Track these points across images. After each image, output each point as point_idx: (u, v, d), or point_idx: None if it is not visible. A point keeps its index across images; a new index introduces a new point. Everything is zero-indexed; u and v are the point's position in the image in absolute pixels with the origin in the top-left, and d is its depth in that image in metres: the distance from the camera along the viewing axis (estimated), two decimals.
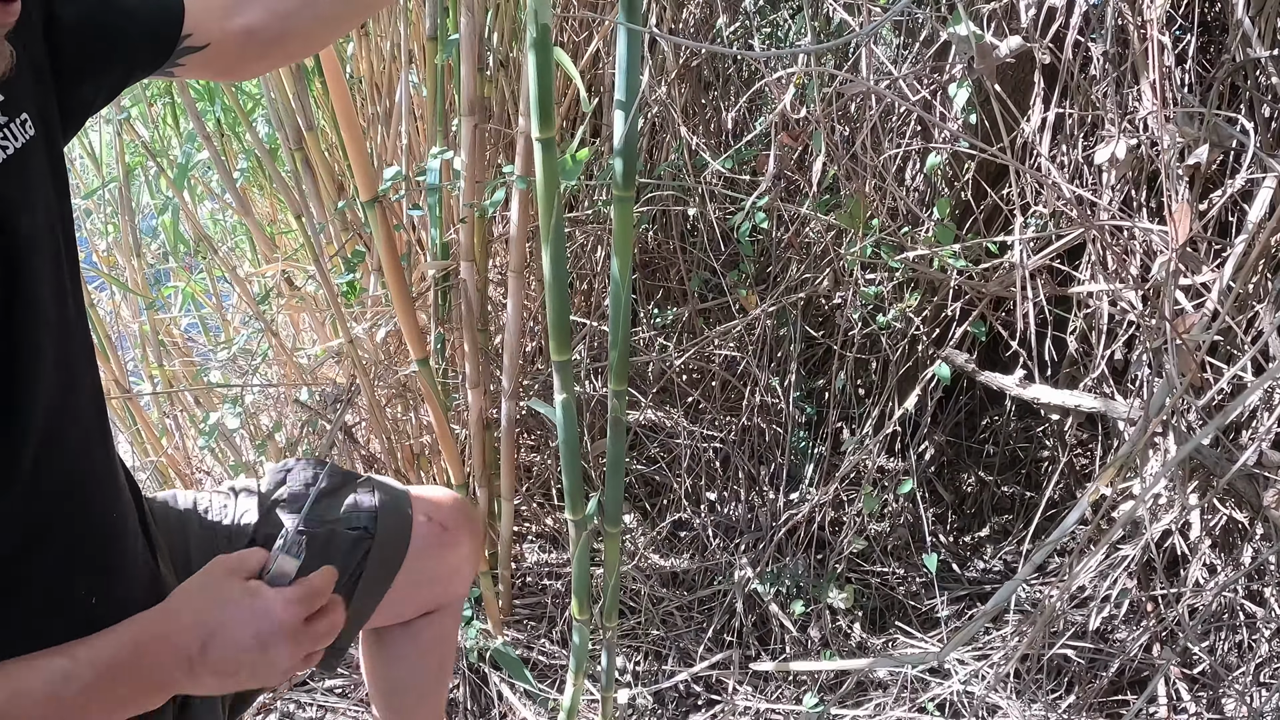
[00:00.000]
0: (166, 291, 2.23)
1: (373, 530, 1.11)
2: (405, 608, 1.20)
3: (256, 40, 0.99)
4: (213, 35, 0.95)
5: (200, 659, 0.79)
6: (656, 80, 1.99)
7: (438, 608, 1.24)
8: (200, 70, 0.99)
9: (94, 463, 0.86)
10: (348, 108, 1.43)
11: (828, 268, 1.95)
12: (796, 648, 1.93)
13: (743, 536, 2.09)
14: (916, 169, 2.03)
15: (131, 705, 0.79)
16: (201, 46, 0.94)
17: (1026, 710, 1.72)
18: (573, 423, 1.17)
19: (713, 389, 2.21)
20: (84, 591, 0.82)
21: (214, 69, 1.01)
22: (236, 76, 1.15)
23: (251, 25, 0.98)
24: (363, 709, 1.78)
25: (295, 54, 1.11)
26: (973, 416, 2.31)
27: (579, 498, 1.24)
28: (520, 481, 2.14)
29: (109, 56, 0.87)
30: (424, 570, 1.15)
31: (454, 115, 1.68)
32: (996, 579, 2.11)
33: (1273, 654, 1.68)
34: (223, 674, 0.80)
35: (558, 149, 1.01)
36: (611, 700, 1.51)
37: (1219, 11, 1.73)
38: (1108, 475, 1.34)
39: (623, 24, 0.90)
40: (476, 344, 1.69)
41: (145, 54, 0.91)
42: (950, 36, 1.32)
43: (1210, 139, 1.31)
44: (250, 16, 0.98)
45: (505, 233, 1.80)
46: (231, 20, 0.97)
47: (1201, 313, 1.32)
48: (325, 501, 1.11)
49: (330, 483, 1.14)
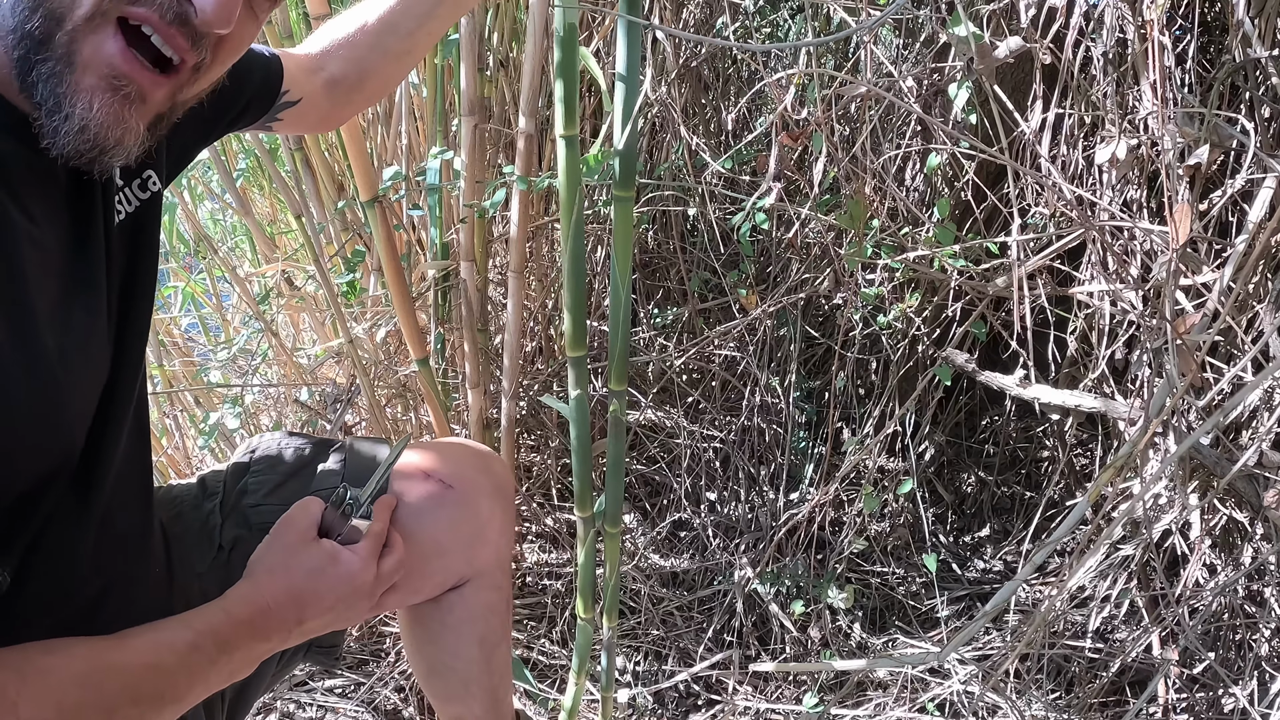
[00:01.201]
0: (166, 291, 2.23)
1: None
2: (422, 583, 1.04)
3: (341, 89, 1.10)
4: (304, 90, 1.05)
5: (298, 626, 0.83)
6: (656, 80, 1.99)
7: (463, 580, 1.07)
8: (296, 124, 1.08)
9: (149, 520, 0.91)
10: None
11: (828, 268, 1.95)
12: (796, 648, 1.93)
13: (743, 536, 2.09)
14: (916, 169, 2.03)
15: (239, 674, 0.81)
16: (296, 101, 1.04)
17: (1026, 710, 1.72)
18: (585, 418, 1.16)
19: (713, 389, 2.21)
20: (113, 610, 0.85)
21: (308, 122, 1.10)
22: (328, 126, 1.19)
23: (334, 76, 1.09)
24: (363, 709, 1.78)
25: (376, 94, 1.17)
26: (973, 416, 2.31)
27: (588, 494, 1.23)
28: (520, 481, 2.14)
29: (221, 110, 0.95)
30: (428, 538, 1.00)
31: (454, 115, 1.68)
32: (996, 579, 2.11)
33: (1273, 654, 1.68)
34: (313, 631, 0.85)
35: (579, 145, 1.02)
36: (611, 700, 1.52)
37: (1219, 11, 1.73)
38: (1108, 475, 1.34)
39: (623, 17, 0.90)
40: (476, 344, 1.69)
41: (252, 107, 1.00)
42: (950, 37, 1.32)
43: (1210, 139, 1.32)
44: (332, 69, 1.09)
45: (505, 233, 1.80)
46: (317, 75, 1.08)
47: (1201, 313, 1.32)
48: (292, 483, 1.04)
49: (297, 460, 1.06)
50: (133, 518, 0.87)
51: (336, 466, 1.04)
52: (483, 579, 1.08)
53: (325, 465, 1.05)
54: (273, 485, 1.03)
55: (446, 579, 1.06)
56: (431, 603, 1.09)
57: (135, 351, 0.81)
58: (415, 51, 1.14)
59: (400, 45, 1.10)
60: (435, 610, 1.09)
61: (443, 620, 1.09)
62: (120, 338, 0.79)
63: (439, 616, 1.09)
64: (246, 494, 1.03)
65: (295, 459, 1.06)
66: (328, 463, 1.05)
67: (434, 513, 1.01)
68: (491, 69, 1.64)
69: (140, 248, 0.82)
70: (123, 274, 0.79)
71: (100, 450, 0.77)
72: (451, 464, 1.04)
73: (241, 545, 0.99)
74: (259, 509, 1.01)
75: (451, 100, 1.70)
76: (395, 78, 1.17)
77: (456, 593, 1.08)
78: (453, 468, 1.04)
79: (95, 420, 0.76)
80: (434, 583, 1.06)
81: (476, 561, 1.06)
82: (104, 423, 0.77)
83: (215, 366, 2.09)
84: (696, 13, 2.10)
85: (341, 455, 1.06)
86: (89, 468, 0.76)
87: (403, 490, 1.00)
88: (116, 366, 0.78)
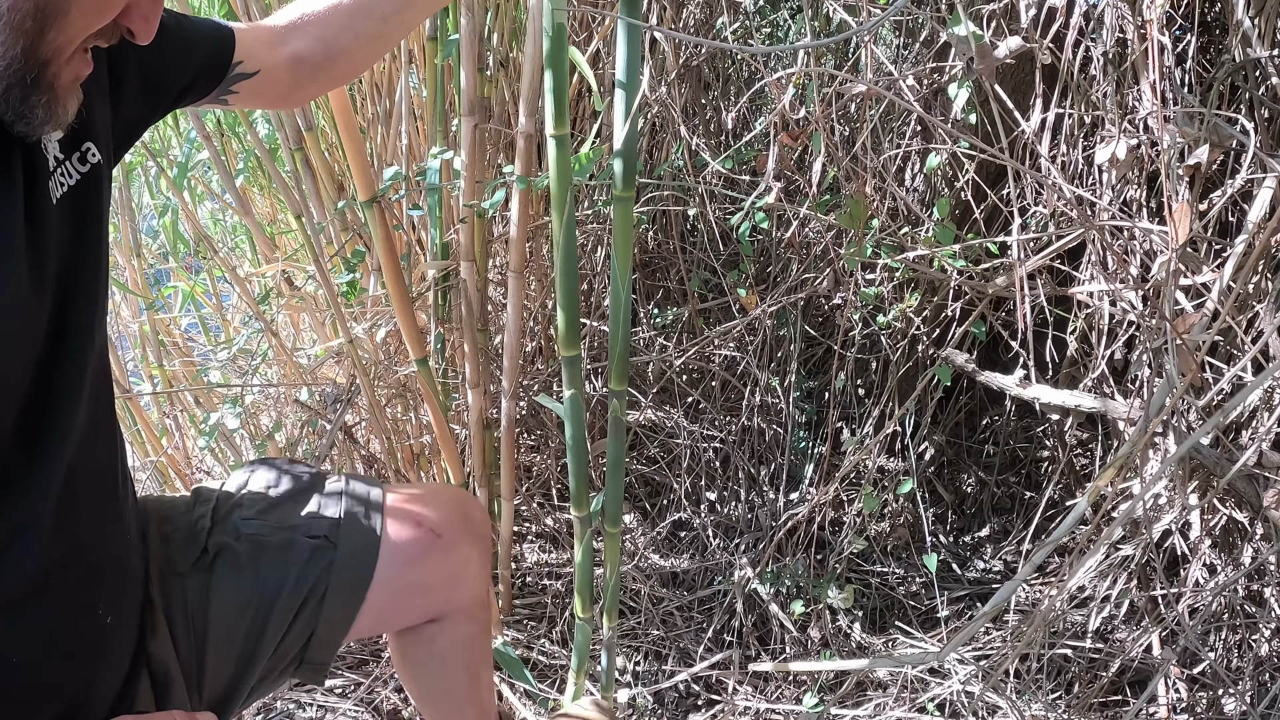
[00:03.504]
0: (166, 291, 2.23)
1: (334, 540, 1.07)
2: (402, 616, 1.17)
3: (306, 66, 1.05)
4: (263, 63, 1.02)
5: None
6: (656, 80, 1.99)
7: (441, 616, 1.19)
8: (253, 99, 1.05)
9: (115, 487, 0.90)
10: (347, 109, 1.43)
11: (828, 268, 1.95)
12: (796, 648, 1.93)
13: (743, 536, 2.09)
14: (916, 169, 2.03)
15: None
16: (252, 74, 1.01)
17: (1026, 710, 1.72)
18: (580, 418, 1.17)
19: (713, 389, 2.21)
20: (101, 611, 0.87)
21: (267, 97, 1.07)
22: (290, 104, 1.18)
23: (299, 52, 1.04)
24: (363, 709, 1.78)
25: (343, 76, 1.15)
26: (973, 416, 2.31)
27: (584, 493, 1.23)
28: (520, 481, 2.14)
29: (166, 81, 0.93)
30: (415, 579, 1.11)
31: (454, 115, 1.68)
32: (996, 579, 2.11)
33: (1273, 654, 1.68)
34: None
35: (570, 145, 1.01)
36: (611, 700, 1.52)
37: (1219, 11, 1.73)
38: (1108, 475, 1.34)
39: (623, 19, 0.90)
40: (476, 344, 1.69)
41: (201, 80, 0.97)
42: (950, 37, 1.32)
43: (1210, 139, 1.31)
44: (298, 44, 1.04)
45: (505, 233, 1.80)
46: (279, 49, 1.03)
47: (1201, 313, 1.32)
48: (286, 505, 1.08)
49: (294, 485, 1.11)
50: (100, 488, 0.88)
51: (336, 511, 1.09)
52: (460, 614, 1.20)
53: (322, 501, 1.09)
54: (266, 505, 1.08)
55: (426, 613, 1.18)
56: (414, 634, 1.20)
57: (84, 323, 0.82)
58: (389, 37, 1.11)
59: (374, 29, 1.07)
60: (419, 642, 1.21)
61: (429, 650, 1.21)
62: (64, 309, 0.79)
63: (424, 648, 1.21)
64: (240, 507, 1.07)
65: (293, 485, 1.11)
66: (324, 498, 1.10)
67: (422, 558, 1.10)
68: (491, 69, 1.64)
69: (84, 219, 0.82)
70: (67, 246, 0.80)
71: (49, 420, 0.78)
72: (438, 512, 1.13)
73: (226, 553, 1.03)
74: (249, 522, 1.06)
75: (451, 100, 1.70)
76: (365, 62, 1.15)
77: (437, 625, 1.19)
78: (439, 516, 1.13)
79: (37, 389, 0.77)
80: (413, 615, 1.17)
81: (455, 600, 1.18)
82: (48, 391, 0.78)
83: (215, 366, 2.09)
84: (697, 13, 2.10)
85: (339, 490, 1.11)
86: (35, 437, 0.77)
87: (397, 534, 1.09)
88: (60, 337, 0.79)
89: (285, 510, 1.08)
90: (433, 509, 1.13)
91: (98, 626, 0.86)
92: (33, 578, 0.79)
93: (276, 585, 1.03)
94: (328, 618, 1.06)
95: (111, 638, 0.88)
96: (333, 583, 1.05)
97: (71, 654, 0.84)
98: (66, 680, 0.84)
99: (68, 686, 0.85)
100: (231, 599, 1.01)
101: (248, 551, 1.03)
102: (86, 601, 0.85)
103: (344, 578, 1.06)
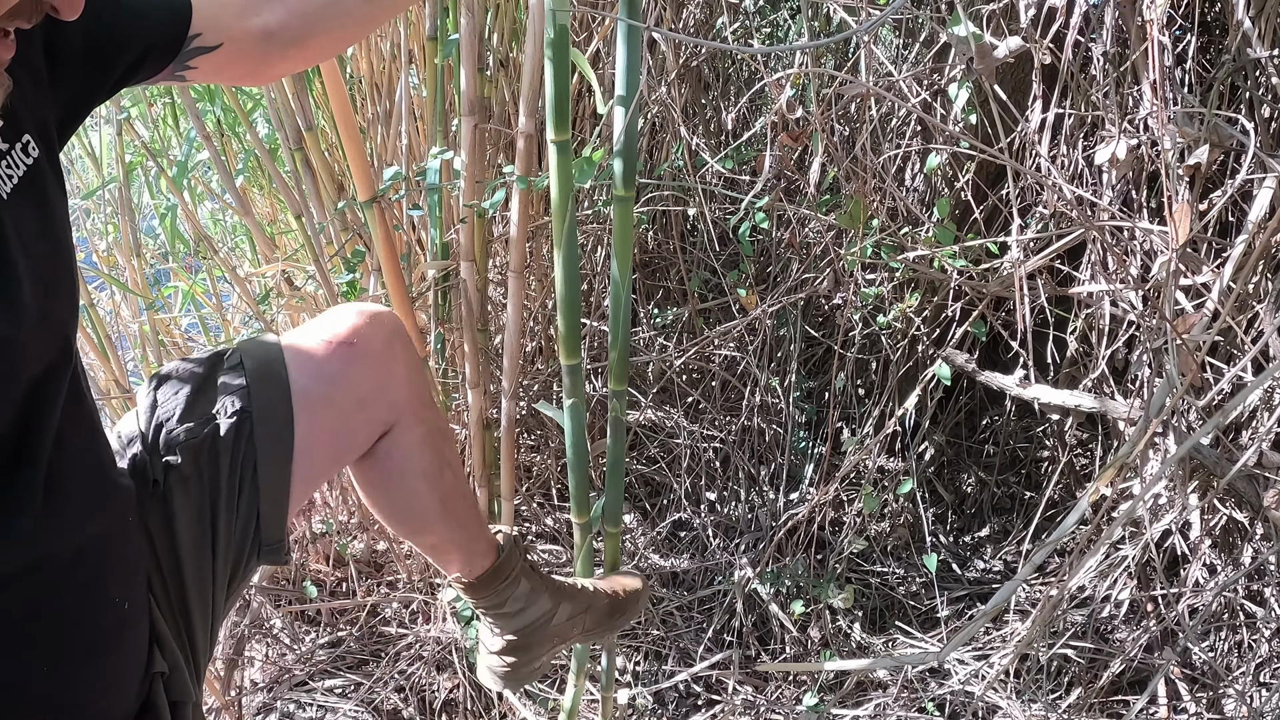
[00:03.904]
0: (166, 291, 2.23)
1: (250, 409, 1.00)
2: (352, 441, 1.09)
3: (276, 41, 0.97)
4: (226, 35, 0.93)
5: None
6: (656, 80, 1.99)
7: (389, 425, 1.12)
8: (216, 73, 0.97)
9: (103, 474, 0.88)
10: (346, 110, 1.43)
11: (828, 268, 1.95)
12: (796, 648, 1.93)
13: (743, 536, 2.09)
14: (916, 169, 2.03)
15: None
16: (213, 47, 0.92)
17: (1026, 710, 1.72)
18: (581, 427, 1.16)
19: (713, 389, 2.21)
20: (117, 599, 0.85)
21: (231, 72, 0.99)
22: (257, 80, 1.09)
23: (270, 25, 0.96)
24: (363, 709, 1.78)
25: (317, 55, 1.07)
26: (973, 416, 2.31)
27: (585, 501, 1.23)
28: (520, 481, 2.14)
29: (112, 57, 0.86)
30: (346, 396, 1.04)
31: (454, 115, 1.68)
32: (996, 579, 2.11)
33: (1273, 654, 1.68)
34: None
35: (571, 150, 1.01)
36: (611, 700, 1.52)
37: (1219, 11, 1.73)
38: (1108, 475, 1.34)
39: (623, 20, 0.90)
40: (476, 344, 1.69)
41: (153, 54, 0.89)
42: (950, 37, 1.32)
43: (1210, 139, 1.31)
44: (269, 16, 0.96)
45: (505, 233, 1.80)
46: (248, 20, 0.95)
47: (1201, 313, 1.32)
48: (200, 401, 1.02)
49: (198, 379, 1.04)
50: (87, 478, 0.86)
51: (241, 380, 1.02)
52: (405, 418, 1.12)
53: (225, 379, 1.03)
54: (183, 409, 1.02)
55: (374, 429, 1.10)
56: (370, 457, 1.13)
57: (65, 313, 0.79)
58: (375, 19, 1.06)
59: (360, 9, 1.01)
60: (374, 462, 1.13)
61: (384, 469, 1.14)
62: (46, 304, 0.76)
63: (379, 467, 1.14)
64: (163, 426, 1.01)
65: (197, 380, 1.04)
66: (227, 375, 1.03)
67: (345, 371, 1.04)
68: (491, 69, 1.64)
69: (40, 209, 0.77)
70: (31, 239, 0.76)
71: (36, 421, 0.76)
72: (343, 324, 1.07)
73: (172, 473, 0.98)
74: (175, 433, 1.00)
75: (451, 100, 1.70)
76: (342, 44, 1.09)
77: (388, 439, 1.12)
78: (346, 326, 1.06)
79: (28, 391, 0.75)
80: (363, 435, 1.10)
81: (395, 403, 1.11)
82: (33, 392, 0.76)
83: None
84: (696, 13, 2.10)
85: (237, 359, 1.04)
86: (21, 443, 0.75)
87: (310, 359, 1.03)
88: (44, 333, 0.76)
89: (200, 405, 1.01)
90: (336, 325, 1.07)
91: (119, 616, 0.85)
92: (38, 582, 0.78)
93: (213, 478, 0.98)
94: (266, 488, 1.01)
95: (129, 624, 0.87)
96: (259, 449, 1.00)
97: (95, 647, 0.83)
98: (95, 674, 0.83)
99: (96, 680, 0.84)
100: (187, 514, 0.97)
101: (189, 460, 0.98)
102: (99, 594, 0.84)
103: (266, 439, 1.00)
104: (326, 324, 1.07)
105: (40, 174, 0.77)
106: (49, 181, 0.79)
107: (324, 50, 1.06)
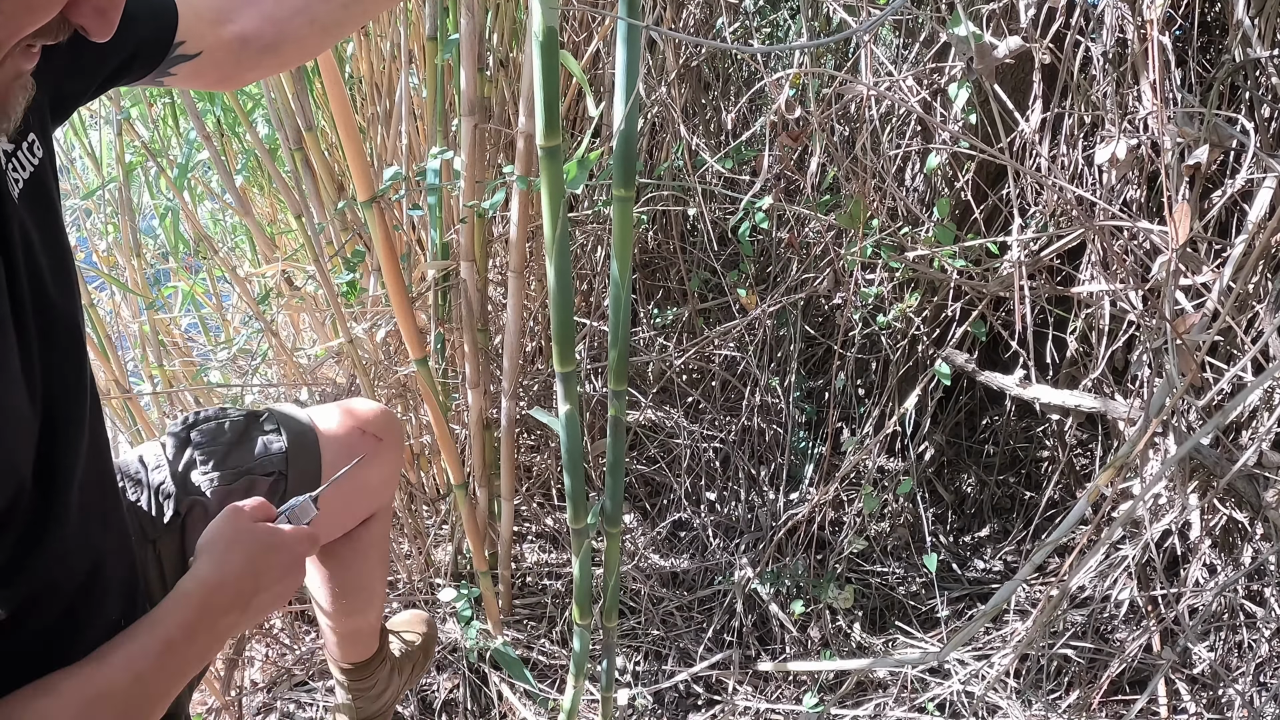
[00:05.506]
0: (166, 291, 2.23)
1: (286, 473, 1.10)
2: (346, 519, 1.23)
3: (252, 48, 0.97)
4: (205, 43, 0.93)
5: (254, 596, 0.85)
6: (656, 80, 1.99)
7: (373, 514, 1.26)
8: (192, 80, 0.97)
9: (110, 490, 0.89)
10: (346, 110, 1.43)
11: (827, 268, 1.95)
12: (796, 648, 1.93)
13: (743, 536, 2.09)
14: (916, 169, 2.03)
15: (210, 655, 0.85)
16: (194, 55, 0.93)
17: (1026, 710, 1.72)
18: (576, 434, 1.16)
19: (713, 389, 2.21)
20: (116, 615, 0.86)
21: (207, 79, 0.99)
22: (230, 85, 1.09)
23: (245, 32, 0.96)
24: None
25: (291, 61, 1.08)
26: (973, 416, 2.31)
27: (582, 506, 1.23)
28: (520, 481, 2.14)
29: (102, 60, 0.86)
30: (362, 483, 1.15)
31: (454, 115, 1.68)
32: (996, 579, 2.11)
33: (1273, 654, 1.68)
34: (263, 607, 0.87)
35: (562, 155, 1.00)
36: (611, 700, 1.51)
37: (1219, 11, 1.73)
38: (1108, 475, 1.34)
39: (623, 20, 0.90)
40: (476, 344, 1.69)
41: (140, 59, 0.89)
42: (950, 37, 1.32)
43: (1210, 139, 1.31)
44: (244, 23, 0.96)
45: (505, 233, 1.80)
46: (224, 28, 0.95)
47: (1201, 313, 1.32)
48: (236, 451, 1.10)
49: (235, 432, 1.12)
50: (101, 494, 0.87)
51: (281, 445, 1.12)
52: (384, 510, 1.29)
53: (266, 440, 1.12)
54: (220, 456, 1.09)
55: (361, 515, 1.25)
56: (342, 536, 1.24)
57: (76, 317, 0.79)
58: (345, 26, 1.06)
59: (330, 16, 1.01)
60: (345, 542, 1.25)
61: (354, 549, 1.26)
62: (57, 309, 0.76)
63: (351, 546, 1.26)
64: (195, 465, 1.08)
65: (234, 432, 1.13)
66: (267, 436, 1.13)
67: (370, 461, 1.13)
68: (491, 69, 1.64)
69: (46, 209, 0.77)
70: (40, 243, 0.75)
71: (62, 438, 0.76)
72: (377, 424, 1.20)
73: (196, 509, 1.05)
74: (209, 476, 1.07)
75: (451, 100, 1.70)
76: (314, 50, 1.09)
77: (364, 525, 1.25)
78: (379, 427, 1.20)
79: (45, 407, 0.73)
80: (354, 518, 1.24)
81: (385, 497, 1.28)
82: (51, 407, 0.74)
83: (215, 366, 2.09)
84: (696, 13, 2.10)
85: (275, 425, 1.14)
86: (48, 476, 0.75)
87: (340, 443, 1.15)
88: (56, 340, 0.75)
89: (237, 456, 1.09)
90: (362, 416, 1.20)
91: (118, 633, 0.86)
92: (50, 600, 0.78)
93: None
94: None
95: None
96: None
97: None
98: None
99: None
100: None
101: (216, 503, 1.03)
102: (100, 611, 0.85)
103: None
104: (353, 413, 1.20)
105: (44, 172, 0.78)
106: (50, 179, 0.80)
107: (295, 59, 1.07)
